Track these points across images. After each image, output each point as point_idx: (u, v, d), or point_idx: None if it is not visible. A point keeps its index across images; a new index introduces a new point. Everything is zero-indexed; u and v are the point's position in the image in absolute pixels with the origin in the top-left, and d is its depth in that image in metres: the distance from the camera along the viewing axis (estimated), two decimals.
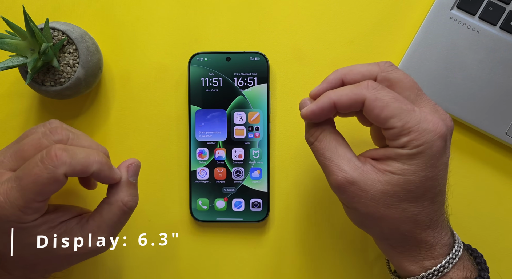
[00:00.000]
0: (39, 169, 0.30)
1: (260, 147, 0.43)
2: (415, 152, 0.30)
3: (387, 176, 0.31)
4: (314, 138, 0.34)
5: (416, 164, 0.30)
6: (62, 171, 0.31)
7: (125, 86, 0.45)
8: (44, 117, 0.45)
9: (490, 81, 0.42)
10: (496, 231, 0.44)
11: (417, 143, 0.30)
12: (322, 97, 0.33)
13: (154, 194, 0.44)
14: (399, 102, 0.31)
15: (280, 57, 0.44)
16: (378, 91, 0.31)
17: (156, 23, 0.45)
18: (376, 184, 0.31)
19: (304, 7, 0.44)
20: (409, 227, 0.32)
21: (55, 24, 0.40)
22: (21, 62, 0.38)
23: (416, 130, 0.30)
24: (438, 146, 0.30)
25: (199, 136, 0.44)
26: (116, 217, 0.34)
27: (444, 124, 0.31)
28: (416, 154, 0.30)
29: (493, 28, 0.42)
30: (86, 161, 0.32)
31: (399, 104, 0.31)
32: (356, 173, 0.31)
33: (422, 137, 0.30)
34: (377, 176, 0.31)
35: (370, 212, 0.31)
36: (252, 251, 0.44)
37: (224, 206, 0.44)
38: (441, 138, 0.30)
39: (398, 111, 0.30)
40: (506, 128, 0.42)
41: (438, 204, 0.32)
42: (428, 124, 0.30)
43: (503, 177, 0.44)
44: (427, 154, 0.30)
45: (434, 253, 0.32)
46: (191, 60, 0.44)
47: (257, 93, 0.43)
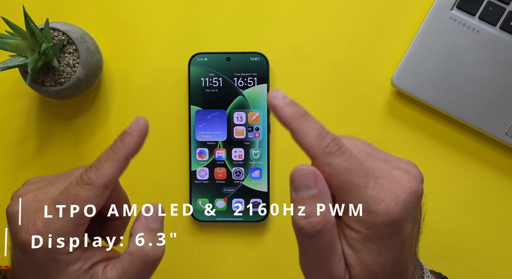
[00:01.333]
0: (76, 189, 0.29)
1: (260, 147, 0.43)
2: (363, 236, 0.26)
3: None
4: (315, 231, 0.26)
5: (371, 251, 0.27)
6: (101, 183, 0.29)
7: (125, 86, 0.45)
8: (44, 117, 0.45)
9: (490, 81, 0.42)
10: (496, 231, 0.44)
11: (365, 226, 0.26)
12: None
13: (154, 194, 0.44)
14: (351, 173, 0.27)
15: (280, 57, 0.44)
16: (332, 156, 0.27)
17: (156, 23, 0.45)
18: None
19: (304, 7, 0.44)
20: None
21: (55, 24, 0.40)
22: (21, 62, 0.38)
23: (365, 211, 0.26)
24: (387, 232, 0.26)
25: (199, 136, 0.44)
26: (137, 268, 0.30)
27: (398, 201, 0.27)
28: (365, 239, 0.26)
29: (493, 28, 0.42)
30: (112, 170, 0.30)
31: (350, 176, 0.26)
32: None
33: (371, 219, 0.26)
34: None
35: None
36: (252, 251, 0.44)
37: (224, 206, 0.44)
38: (392, 223, 0.26)
39: (348, 184, 0.26)
40: (506, 128, 0.42)
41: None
42: (378, 205, 0.26)
43: (503, 177, 0.44)
44: (378, 238, 0.26)
45: None
46: (191, 60, 0.44)
47: (257, 93, 0.43)
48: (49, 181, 0.33)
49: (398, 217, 0.26)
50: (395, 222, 0.26)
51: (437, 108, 0.42)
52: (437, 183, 0.44)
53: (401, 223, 0.27)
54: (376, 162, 0.29)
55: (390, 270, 0.27)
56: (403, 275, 0.29)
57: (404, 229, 0.27)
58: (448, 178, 0.44)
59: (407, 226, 0.28)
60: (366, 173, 0.27)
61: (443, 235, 0.44)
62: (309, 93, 0.44)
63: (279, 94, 0.29)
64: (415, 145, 0.44)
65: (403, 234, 0.27)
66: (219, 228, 0.45)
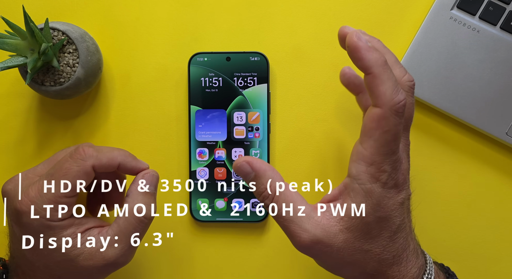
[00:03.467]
0: (69, 163, 0.33)
1: (260, 147, 0.43)
2: (366, 190, 0.30)
3: (345, 222, 0.31)
4: (269, 199, 0.32)
5: (370, 205, 0.30)
6: (90, 163, 0.33)
7: (125, 86, 0.45)
8: (44, 117, 0.45)
9: (490, 81, 0.42)
10: (496, 231, 0.44)
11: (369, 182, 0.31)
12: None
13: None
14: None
15: (280, 57, 0.44)
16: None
17: (156, 23, 0.45)
18: (338, 235, 0.31)
19: (304, 7, 0.44)
20: (375, 267, 0.31)
21: (55, 24, 0.40)
22: (21, 62, 0.38)
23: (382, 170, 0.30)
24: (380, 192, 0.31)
25: (199, 136, 0.44)
26: (132, 226, 0.34)
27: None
28: (367, 193, 0.30)
29: (493, 28, 0.42)
30: (111, 154, 0.35)
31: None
32: (318, 230, 0.31)
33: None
34: (337, 227, 0.31)
35: (337, 263, 0.32)
36: (252, 251, 0.44)
37: (224, 206, 0.44)
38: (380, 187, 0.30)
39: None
40: (506, 128, 0.42)
41: (399, 240, 0.32)
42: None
43: (503, 177, 0.44)
44: (373, 197, 0.30)
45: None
46: (191, 60, 0.44)
47: (257, 93, 0.43)
48: (36, 165, 0.37)
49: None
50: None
51: (437, 108, 0.42)
52: (437, 183, 0.44)
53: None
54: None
55: (378, 225, 0.31)
56: (393, 236, 0.31)
57: (394, 198, 0.31)
58: (448, 178, 0.44)
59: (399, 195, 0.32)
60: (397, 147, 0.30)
61: (443, 235, 0.44)
62: (309, 93, 0.44)
63: (363, 36, 0.30)
64: (415, 145, 0.44)
65: (394, 200, 0.31)
66: (219, 228, 0.45)
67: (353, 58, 0.30)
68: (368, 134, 0.30)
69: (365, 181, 0.30)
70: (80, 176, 0.33)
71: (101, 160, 0.34)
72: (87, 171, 0.33)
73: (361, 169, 0.31)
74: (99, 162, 0.34)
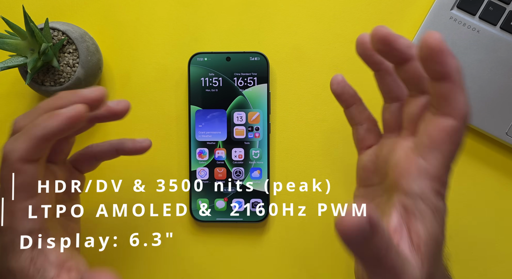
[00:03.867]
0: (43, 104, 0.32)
1: (260, 147, 0.43)
2: (435, 207, 0.28)
3: (422, 252, 0.27)
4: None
5: (439, 223, 0.28)
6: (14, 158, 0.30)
7: (125, 86, 0.45)
8: None
9: (490, 81, 0.42)
10: (496, 231, 0.44)
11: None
12: None
13: (154, 194, 0.44)
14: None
15: (280, 57, 0.44)
16: None
17: (156, 23, 0.45)
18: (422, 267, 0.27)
19: (304, 7, 0.44)
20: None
21: (55, 24, 0.40)
22: (21, 62, 0.38)
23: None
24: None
25: (199, 136, 0.44)
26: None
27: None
28: (434, 211, 0.28)
29: (493, 28, 0.42)
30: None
31: None
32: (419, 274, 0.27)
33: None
34: (417, 259, 0.27)
35: None
36: (252, 251, 0.44)
37: (224, 206, 0.44)
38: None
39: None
40: (506, 128, 0.42)
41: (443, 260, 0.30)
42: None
43: (503, 177, 0.44)
44: (440, 214, 0.29)
45: None
46: (191, 60, 0.44)
47: (257, 93, 0.43)
48: None
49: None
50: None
51: None
52: None
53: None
54: None
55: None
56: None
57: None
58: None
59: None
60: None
61: None
62: (309, 93, 0.44)
63: (443, 41, 0.25)
64: None
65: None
66: (219, 228, 0.45)
67: (432, 61, 0.25)
68: (434, 146, 0.27)
69: (432, 198, 0.28)
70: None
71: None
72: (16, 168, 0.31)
73: (425, 185, 0.27)
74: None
